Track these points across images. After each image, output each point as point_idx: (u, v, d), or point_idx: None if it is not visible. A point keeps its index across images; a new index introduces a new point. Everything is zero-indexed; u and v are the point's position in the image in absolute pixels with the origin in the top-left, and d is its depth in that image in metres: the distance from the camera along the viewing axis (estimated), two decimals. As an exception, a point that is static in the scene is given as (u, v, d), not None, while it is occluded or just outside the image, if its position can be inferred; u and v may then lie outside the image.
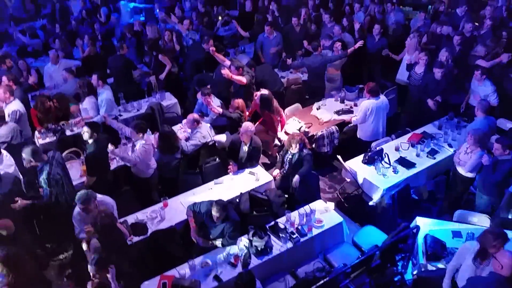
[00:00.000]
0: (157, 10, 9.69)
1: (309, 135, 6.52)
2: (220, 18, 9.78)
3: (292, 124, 6.76)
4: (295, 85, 8.04)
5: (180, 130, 6.58)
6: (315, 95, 7.61)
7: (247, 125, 5.72)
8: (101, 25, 9.65)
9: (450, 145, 6.06)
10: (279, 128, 6.69)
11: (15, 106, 6.15)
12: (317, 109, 7.16)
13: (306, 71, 7.85)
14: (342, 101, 7.26)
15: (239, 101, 6.50)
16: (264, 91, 6.56)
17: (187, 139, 6.14)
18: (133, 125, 5.49)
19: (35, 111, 6.63)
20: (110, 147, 5.32)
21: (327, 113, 7.00)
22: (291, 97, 7.79)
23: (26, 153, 4.83)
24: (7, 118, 5.90)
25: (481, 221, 4.88)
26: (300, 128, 6.61)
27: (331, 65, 7.48)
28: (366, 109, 6.19)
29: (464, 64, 7.26)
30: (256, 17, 9.49)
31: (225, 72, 6.66)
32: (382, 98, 6.31)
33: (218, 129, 6.52)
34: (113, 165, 5.83)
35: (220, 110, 6.40)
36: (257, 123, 6.66)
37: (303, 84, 8.03)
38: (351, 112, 6.96)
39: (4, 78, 6.60)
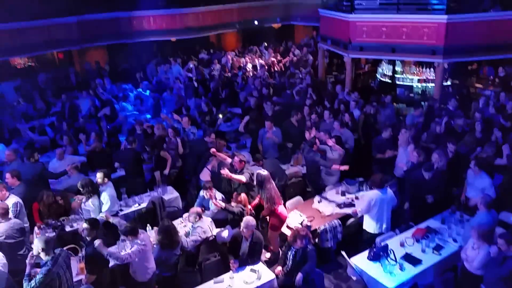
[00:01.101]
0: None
1: (312, 229, 6.42)
2: (221, 116, 10.25)
3: (293, 217, 6.71)
4: (295, 178, 8.14)
5: (181, 224, 6.52)
6: (315, 188, 7.66)
7: (249, 219, 5.68)
8: (107, 123, 10.04)
9: (455, 240, 5.95)
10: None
11: (14, 199, 6.19)
12: (318, 202, 7.16)
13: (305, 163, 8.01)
14: (343, 194, 7.29)
15: (242, 196, 6.53)
16: (263, 172, 6.55)
17: (187, 234, 6.05)
18: (122, 231, 5.40)
19: (37, 205, 6.66)
20: (97, 241, 5.15)
21: (328, 207, 6.98)
22: (292, 190, 7.83)
23: (38, 242, 4.71)
24: (10, 214, 5.85)
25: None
26: (302, 222, 6.54)
27: (330, 160, 7.64)
28: (370, 199, 6.18)
29: (461, 159, 7.42)
30: (250, 114, 9.88)
31: (224, 172, 6.78)
32: (388, 190, 6.34)
33: (219, 223, 6.45)
34: (111, 262, 5.65)
35: (222, 204, 6.40)
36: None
37: (304, 177, 8.13)
38: (353, 205, 6.94)
39: (8, 175, 6.71)
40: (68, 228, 6.46)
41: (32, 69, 15.58)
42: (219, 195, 6.71)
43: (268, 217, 6.73)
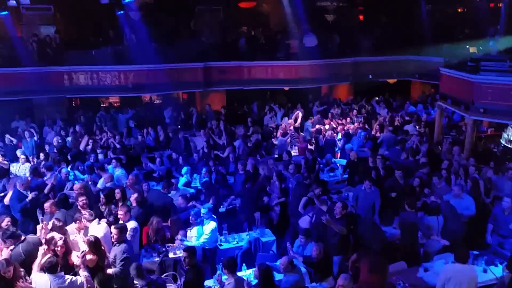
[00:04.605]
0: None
1: (413, 300, 5.89)
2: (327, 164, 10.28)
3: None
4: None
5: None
6: (408, 256, 7.04)
7: (346, 278, 5.39)
8: (215, 162, 10.55)
9: None
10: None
11: (133, 224, 6.75)
12: (425, 271, 6.56)
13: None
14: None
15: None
16: None
17: (278, 282, 5.97)
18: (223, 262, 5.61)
19: (147, 229, 7.22)
20: None
21: (435, 278, 6.33)
22: (395, 253, 7.31)
23: (131, 268, 5.17)
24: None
25: None
26: (402, 290, 6.03)
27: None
28: (444, 274, 5.51)
29: None
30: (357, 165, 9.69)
31: (325, 219, 6.73)
32: (469, 267, 5.62)
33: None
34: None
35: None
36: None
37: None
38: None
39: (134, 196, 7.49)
40: (171, 255, 6.85)
41: (159, 105, 17.37)
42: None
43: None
